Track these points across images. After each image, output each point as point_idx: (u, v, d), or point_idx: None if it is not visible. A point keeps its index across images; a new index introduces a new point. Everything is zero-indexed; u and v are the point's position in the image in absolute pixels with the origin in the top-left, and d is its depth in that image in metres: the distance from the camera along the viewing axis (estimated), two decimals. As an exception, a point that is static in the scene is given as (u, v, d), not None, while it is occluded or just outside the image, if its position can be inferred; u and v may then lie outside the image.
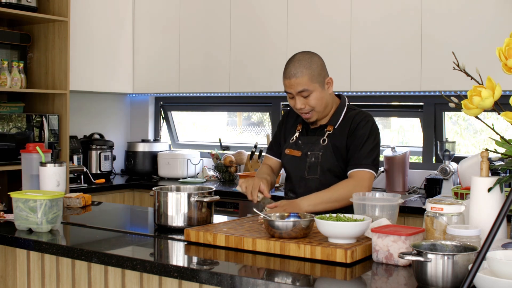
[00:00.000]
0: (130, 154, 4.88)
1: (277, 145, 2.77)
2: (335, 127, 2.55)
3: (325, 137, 2.54)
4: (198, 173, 4.84)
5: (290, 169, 2.65)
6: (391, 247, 1.80)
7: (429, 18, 3.61)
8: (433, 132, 4.04)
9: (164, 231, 2.37)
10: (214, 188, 2.49)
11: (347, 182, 2.45)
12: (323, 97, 2.50)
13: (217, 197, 2.42)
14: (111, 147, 4.79)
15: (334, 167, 2.51)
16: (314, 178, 2.54)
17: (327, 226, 1.94)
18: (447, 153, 3.76)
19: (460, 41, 3.49)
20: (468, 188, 3.08)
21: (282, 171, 2.86)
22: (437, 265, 1.56)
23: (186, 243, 2.16)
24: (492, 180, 1.88)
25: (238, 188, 2.51)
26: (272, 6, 4.20)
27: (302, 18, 4.08)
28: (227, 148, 4.94)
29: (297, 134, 2.65)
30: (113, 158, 4.82)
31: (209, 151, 4.90)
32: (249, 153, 4.59)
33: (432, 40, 3.60)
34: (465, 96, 1.90)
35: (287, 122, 2.74)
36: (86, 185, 4.35)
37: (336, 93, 2.66)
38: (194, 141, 5.29)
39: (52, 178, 2.69)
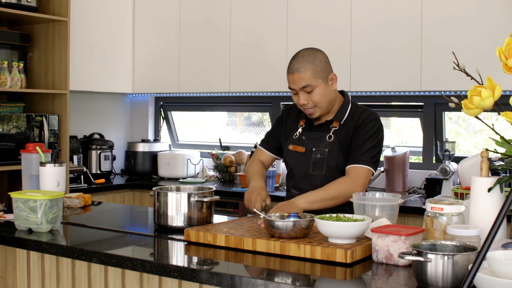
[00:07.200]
0: (130, 154, 4.88)
1: (273, 140, 2.74)
2: (341, 123, 2.54)
3: (331, 133, 2.53)
4: (198, 173, 4.84)
5: (294, 165, 2.62)
6: (391, 247, 1.80)
7: (429, 19, 3.61)
8: (433, 132, 4.04)
9: (164, 231, 2.37)
10: (214, 188, 2.50)
11: (343, 179, 2.45)
12: (326, 93, 2.49)
13: (217, 197, 2.42)
14: (111, 147, 4.79)
15: (341, 164, 2.51)
16: (320, 174, 2.53)
17: (327, 226, 1.94)
18: (447, 153, 3.75)
19: (460, 41, 3.49)
20: (468, 188, 3.08)
21: (283, 170, 2.86)
22: (437, 265, 1.56)
23: (186, 243, 2.16)
24: (492, 180, 1.88)
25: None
26: (272, 7, 4.20)
27: (302, 18, 4.07)
28: (227, 148, 4.93)
29: (300, 129, 2.62)
30: (113, 158, 4.82)
31: (209, 151, 4.90)
32: (249, 153, 4.58)
33: (432, 40, 3.60)
34: (465, 96, 1.90)
35: (289, 117, 2.71)
36: (86, 185, 4.35)
37: (339, 90, 2.64)
38: (194, 141, 5.29)
39: (52, 178, 2.69)
